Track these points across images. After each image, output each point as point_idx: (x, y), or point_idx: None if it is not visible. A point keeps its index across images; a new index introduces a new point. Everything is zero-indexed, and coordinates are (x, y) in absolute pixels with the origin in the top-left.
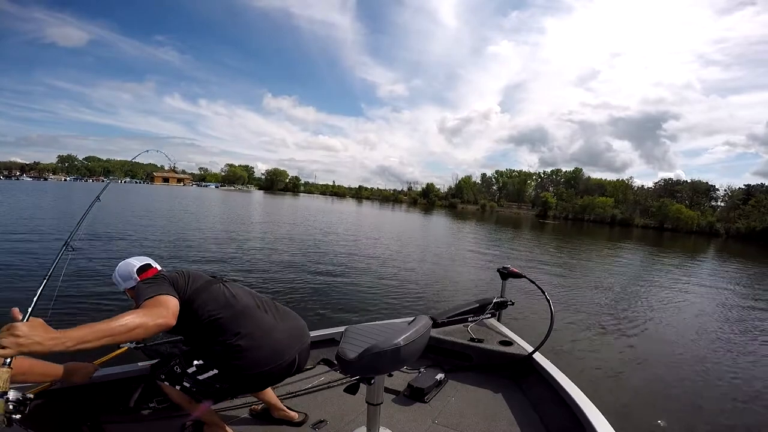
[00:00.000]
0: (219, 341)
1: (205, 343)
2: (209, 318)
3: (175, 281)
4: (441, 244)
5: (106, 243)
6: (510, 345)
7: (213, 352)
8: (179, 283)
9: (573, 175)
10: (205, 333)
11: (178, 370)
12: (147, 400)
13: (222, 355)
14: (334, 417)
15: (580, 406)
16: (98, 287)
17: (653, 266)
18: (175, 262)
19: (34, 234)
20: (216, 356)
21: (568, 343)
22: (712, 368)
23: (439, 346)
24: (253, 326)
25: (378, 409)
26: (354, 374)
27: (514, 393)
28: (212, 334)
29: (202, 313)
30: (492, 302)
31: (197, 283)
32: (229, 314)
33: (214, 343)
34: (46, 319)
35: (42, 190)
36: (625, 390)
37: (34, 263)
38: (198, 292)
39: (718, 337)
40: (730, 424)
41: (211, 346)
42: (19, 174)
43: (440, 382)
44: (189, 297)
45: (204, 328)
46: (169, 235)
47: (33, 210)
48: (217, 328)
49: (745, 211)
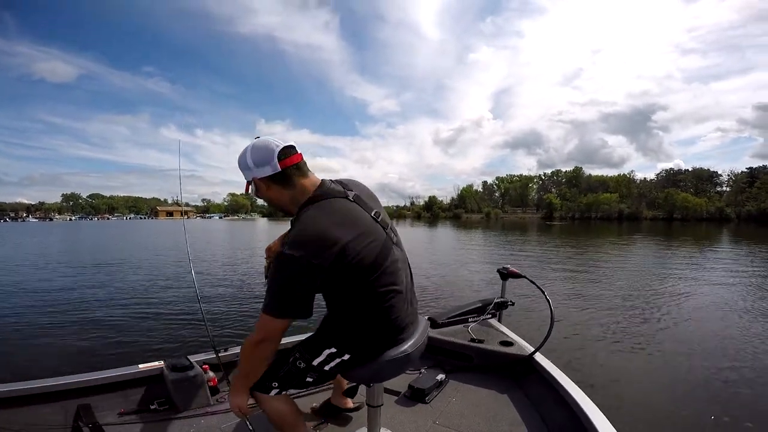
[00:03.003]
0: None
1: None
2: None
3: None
4: (447, 253)
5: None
6: (511, 345)
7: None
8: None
9: (573, 174)
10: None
11: (301, 366)
12: (148, 401)
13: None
14: (334, 418)
15: (581, 405)
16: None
17: (663, 259)
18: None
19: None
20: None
21: (569, 342)
22: (724, 368)
23: (440, 346)
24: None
25: (378, 411)
26: (360, 382)
27: (515, 393)
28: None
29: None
30: (492, 302)
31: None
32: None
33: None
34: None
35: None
36: (628, 390)
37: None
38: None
39: (734, 333)
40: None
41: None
42: (25, 215)
43: (441, 382)
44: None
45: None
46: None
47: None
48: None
49: (753, 194)
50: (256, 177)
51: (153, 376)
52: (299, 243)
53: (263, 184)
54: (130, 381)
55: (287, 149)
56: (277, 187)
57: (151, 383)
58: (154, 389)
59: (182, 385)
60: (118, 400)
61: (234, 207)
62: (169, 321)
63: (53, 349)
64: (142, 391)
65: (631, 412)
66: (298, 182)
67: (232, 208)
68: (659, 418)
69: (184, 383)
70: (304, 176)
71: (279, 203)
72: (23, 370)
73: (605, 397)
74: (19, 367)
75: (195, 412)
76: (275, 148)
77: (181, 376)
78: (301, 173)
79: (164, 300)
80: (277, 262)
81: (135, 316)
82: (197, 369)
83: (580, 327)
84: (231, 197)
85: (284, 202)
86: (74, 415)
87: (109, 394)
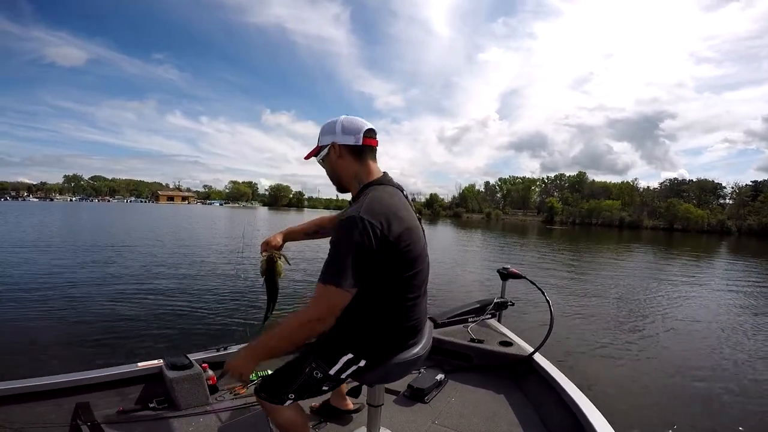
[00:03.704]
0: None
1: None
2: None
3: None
4: (448, 252)
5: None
6: (510, 345)
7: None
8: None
9: (577, 179)
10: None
11: (318, 376)
12: (147, 399)
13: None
14: (334, 417)
15: (581, 406)
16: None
17: (662, 267)
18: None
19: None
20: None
21: (568, 343)
22: (721, 371)
23: (440, 346)
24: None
25: (379, 411)
26: (368, 383)
27: (514, 393)
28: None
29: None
30: (492, 303)
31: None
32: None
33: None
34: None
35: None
36: (626, 391)
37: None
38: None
39: (731, 340)
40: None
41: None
42: (26, 195)
43: (440, 382)
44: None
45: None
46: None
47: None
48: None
49: (755, 208)
50: (337, 142)
51: (152, 375)
52: (374, 211)
53: (338, 152)
54: (128, 379)
55: (372, 131)
56: (349, 158)
57: (150, 381)
58: (153, 387)
59: (181, 383)
60: (117, 398)
61: (235, 195)
62: (169, 318)
63: (51, 346)
64: (140, 390)
65: (629, 413)
66: (368, 162)
67: (233, 195)
68: (657, 419)
69: (183, 381)
70: (374, 160)
71: (342, 174)
72: (21, 368)
73: (604, 398)
74: (17, 365)
75: (194, 410)
76: (364, 125)
77: (180, 374)
78: (373, 156)
79: (164, 297)
80: (346, 225)
81: (134, 314)
82: (196, 367)
83: (580, 328)
84: (233, 185)
85: (348, 175)
86: (73, 413)
87: (107, 392)
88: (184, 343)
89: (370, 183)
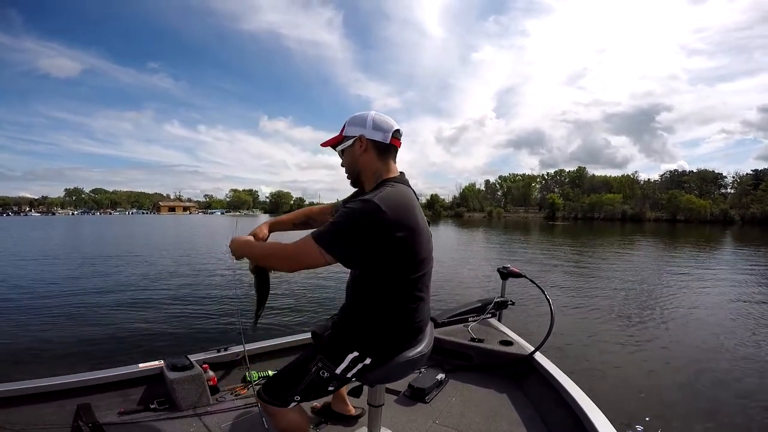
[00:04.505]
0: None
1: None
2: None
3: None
4: (448, 251)
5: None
6: (510, 345)
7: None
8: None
9: (577, 174)
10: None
11: (325, 375)
12: (148, 400)
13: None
14: (334, 418)
15: (581, 405)
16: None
17: (667, 260)
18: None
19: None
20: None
21: (569, 342)
22: (727, 369)
23: (440, 346)
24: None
25: (380, 411)
26: (372, 383)
27: (514, 393)
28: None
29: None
30: (492, 302)
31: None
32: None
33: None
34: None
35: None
36: (628, 390)
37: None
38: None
39: (735, 336)
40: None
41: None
42: (28, 210)
43: (441, 382)
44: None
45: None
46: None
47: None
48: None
49: (757, 196)
50: (365, 136)
51: (153, 376)
52: (389, 202)
53: (364, 146)
54: (129, 380)
55: (399, 132)
56: (373, 154)
57: (150, 382)
58: (153, 388)
59: (182, 384)
60: (118, 399)
61: (236, 203)
62: (169, 320)
63: (53, 348)
64: (141, 391)
65: (630, 412)
66: (389, 161)
67: (234, 204)
68: (659, 419)
69: (183, 382)
70: (394, 160)
71: (363, 168)
72: (23, 370)
73: (605, 397)
74: (18, 366)
75: (195, 411)
76: (394, 125)
77: (180, 375)
78: (394, 157)
79: (164, 299)
80: (360, 204)
81: (135, 316)
82: (197, 368)
83: (581, 327)
84: (233, 193)
85: (369, 171)
86: (74, 415)
87: (108, 393)
88: (185, 345)
89: (388, 179)
